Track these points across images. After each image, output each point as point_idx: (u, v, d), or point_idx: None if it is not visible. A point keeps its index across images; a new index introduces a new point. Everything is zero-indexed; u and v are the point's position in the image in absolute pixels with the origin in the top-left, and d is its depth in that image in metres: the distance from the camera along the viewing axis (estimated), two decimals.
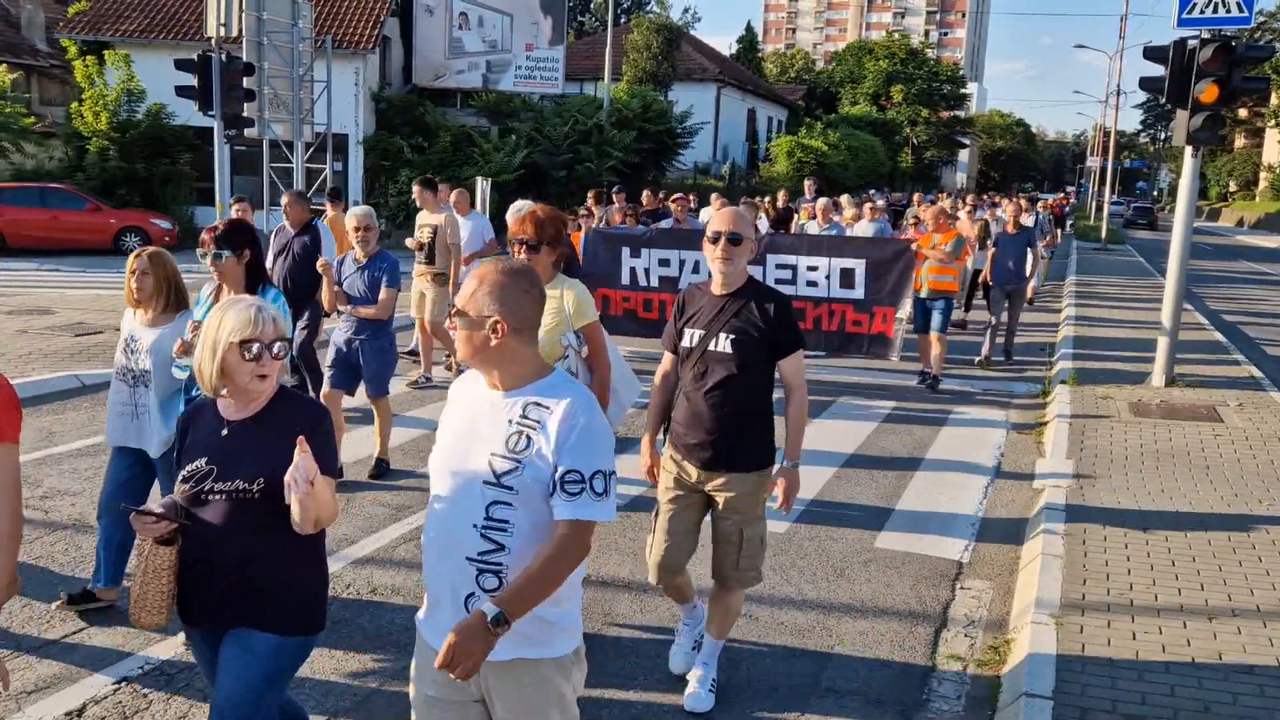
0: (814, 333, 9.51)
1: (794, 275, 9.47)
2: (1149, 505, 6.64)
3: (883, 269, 9.25)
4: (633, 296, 9.99)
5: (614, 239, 10.16)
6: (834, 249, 9.58)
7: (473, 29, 29.90)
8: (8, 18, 34.45)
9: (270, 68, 13.63)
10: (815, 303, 9.43)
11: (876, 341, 9.35)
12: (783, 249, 9.71)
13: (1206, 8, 9.83)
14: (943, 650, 4.76)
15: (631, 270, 9.93)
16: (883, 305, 9.21)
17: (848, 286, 9.31)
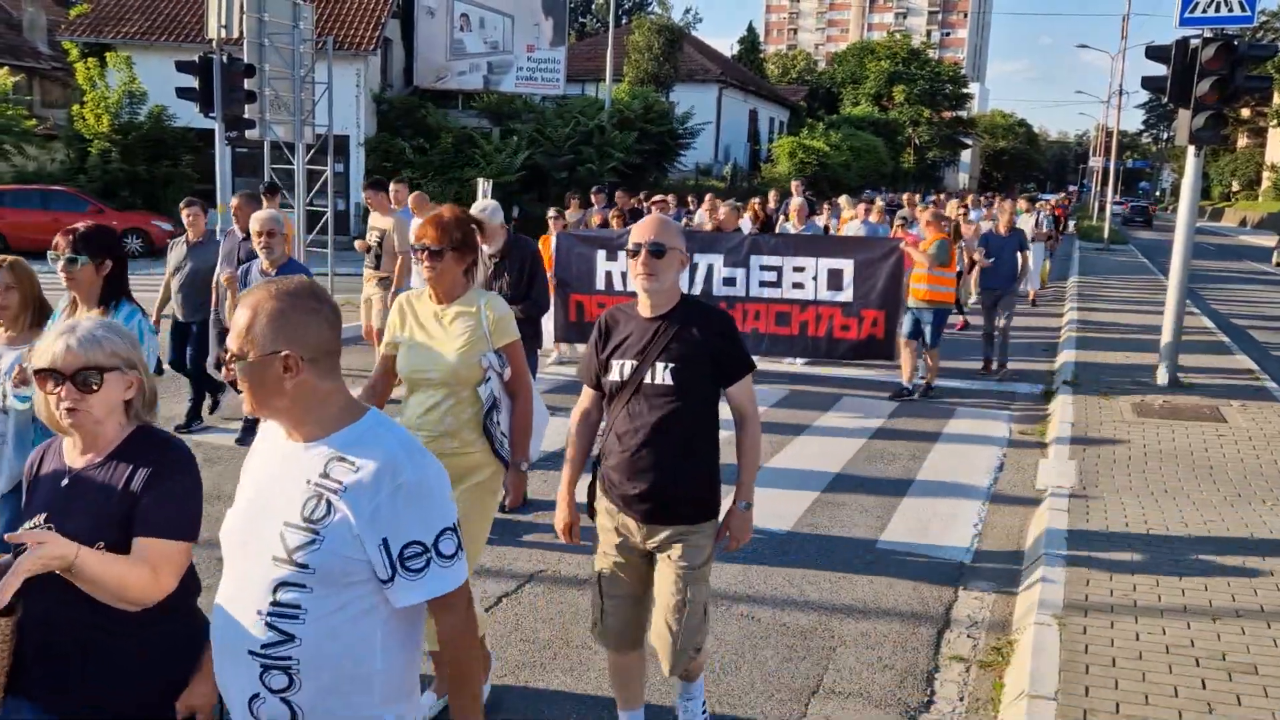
0: (800, 338, 9.41)
1: (779, 277, 9.33)
2: (1152, 505, 6.62)
3: (870, 269, 9.10)
4: (608, 303, 9.43)
5: (587, 242, 9.89)
6: (821, 249, 9.45)
7: (474, 30, 29.92)
8: (9, 20, 34.50)
9: (271, 69, 13.62)
10: (802, 306, 9.30)
11: (867, 345, 9.22)
12: (767, 250, 9.52)
13: (1209, 7, 9.81)
14: (945, 651, 4.75)
15: (607, 275, 9.63)
16: (871, 308, 9.07)
17: (835, 288, 9.19)
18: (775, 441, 8.19)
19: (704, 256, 9.50)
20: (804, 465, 7.62)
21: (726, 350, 3.38)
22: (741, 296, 9.44)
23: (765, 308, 9.44)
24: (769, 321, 9.43)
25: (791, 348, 9.78)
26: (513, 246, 6.26)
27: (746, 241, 9.68)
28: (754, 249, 9.52)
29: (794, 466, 7.58)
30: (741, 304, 9.41)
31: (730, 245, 9.68)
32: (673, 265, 3.37)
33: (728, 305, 9.12)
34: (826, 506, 6.74)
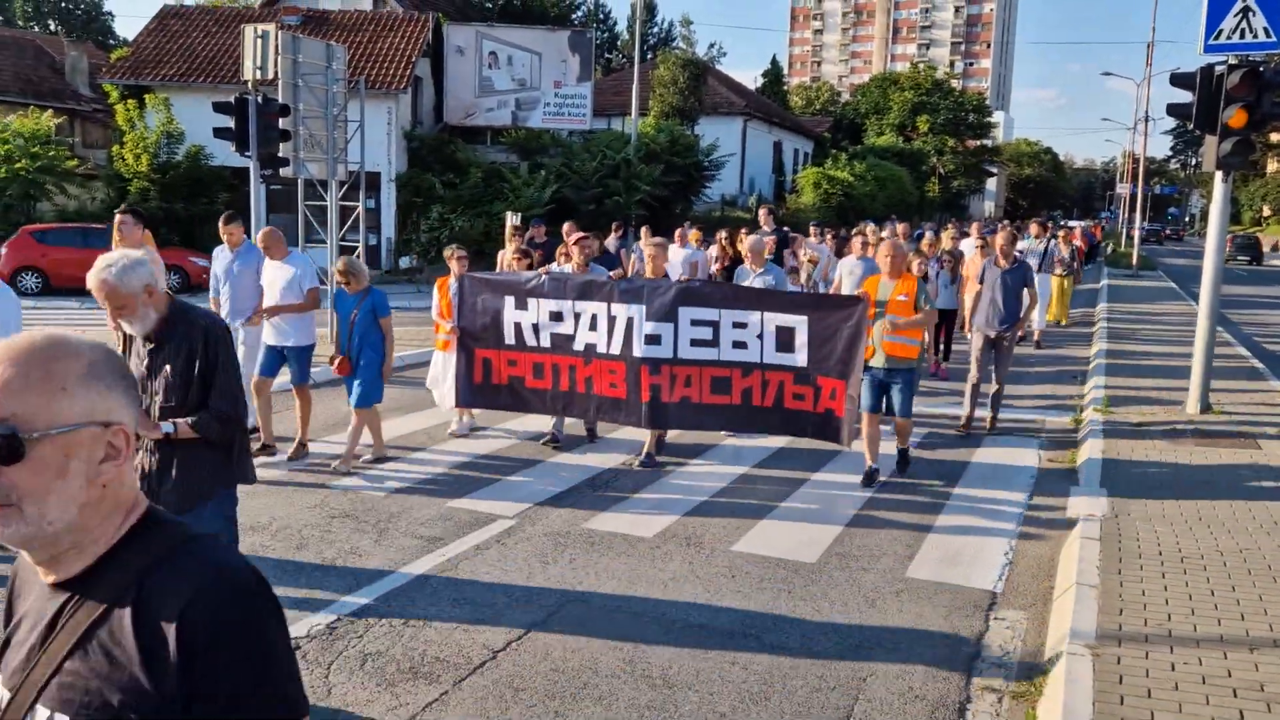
0: (742, 408, 7.65)
1: (715, 334, 7.58)
2: (1185, 534, 6.56)
3: (830, 330, 7.33)
4: (520, 360, 8.12)
5: (493, 286, 8.29)
6: (768, 302, 7.63)
7: (502, 68, 30.33)
8: (52, 64, 35.41)
9: (305, 109, 13.90)
10: (745, 369, 7.56)
11: (824, 422, 7.43)
12: (700, 300, 7.70)
13: (1233, 34, 9.82)
14: (977, 682, 4.72)
15: (516, 327, 8.08)
16: (830, 377, 7.34)
17: (786, 350, 7.46)
18: (802, 470, 8.20)
19: (624, 308, 7.75)
20: (831, 493, 7.62)
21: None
22: (668, 358, 7.66)
23: (698, 372, 7.64)
24: (703, 388, 7.67)
25: (731, 420, 7.91)
26: (175, 322, 3.98)
27: (674, 291, 7.73)
28: (684, 299, 7.67)
29: (821, 495, 7.58)
30: (669, 367, 7.66)
31: (654, 295, 7.75)
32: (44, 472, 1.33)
33: (651, 369, 7.65)
34: (855, 535, 6.72)
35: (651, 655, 4.86)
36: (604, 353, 7.81)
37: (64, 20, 66.52)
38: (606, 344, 7.81)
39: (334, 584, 5.64)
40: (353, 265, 7.96)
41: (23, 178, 22.14)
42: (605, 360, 7.81)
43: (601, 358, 7.83)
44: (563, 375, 8.01)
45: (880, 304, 7.70)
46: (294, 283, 8.22)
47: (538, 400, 8.22)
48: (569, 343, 7.95)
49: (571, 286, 8.02)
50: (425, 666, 4.67)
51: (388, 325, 7.96)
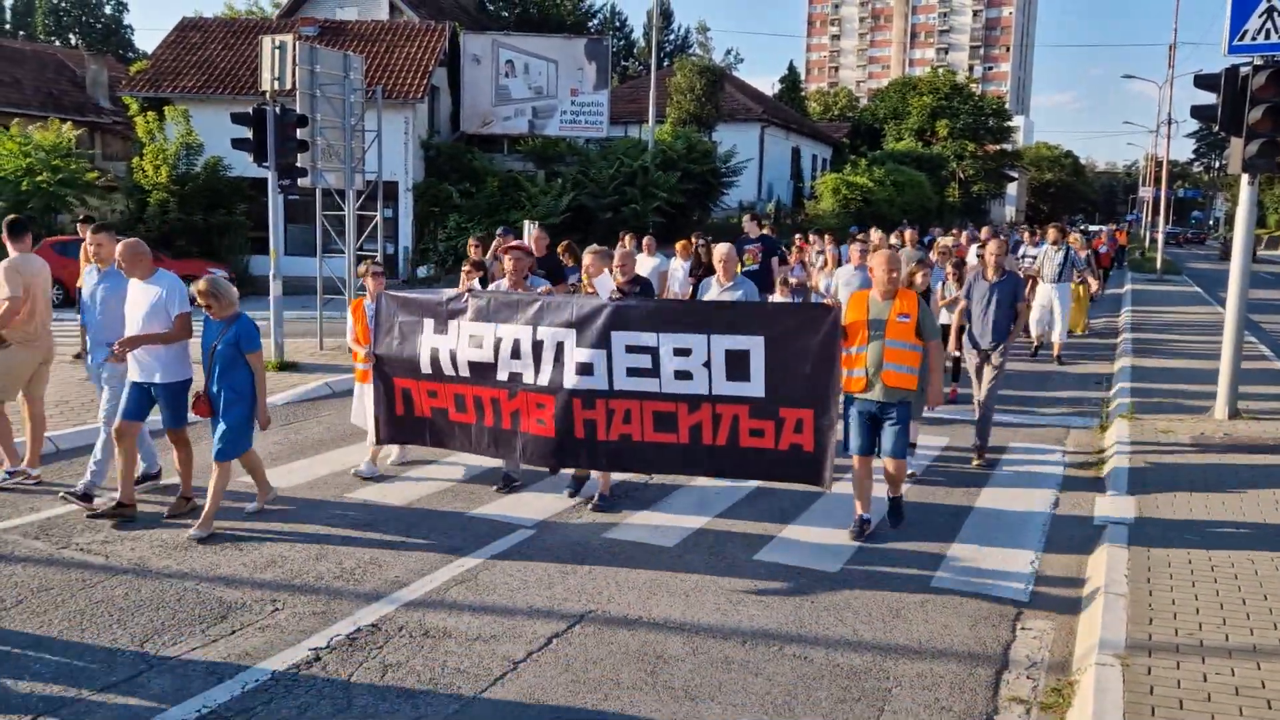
0: (692, 448, 6.41)
1: (655, 364, 6.36)
2: (1215, 541, 6.45)
3: (792, 349, 6.17)
4: (441, 391, 7.09)
5: (411, 307, 7.28)
6: (715, 321, 6.35)
7: (518, 76, 30.41)
8: (73, 78, 35.79)
9: (323, 119, 13.96)
10: (692, 404, 6.34)
11: (790, 460, 6.26)
12: (635, 322, 6.44)
13: (1259, 34, 9.69)
14: (1004, 693, 4.64)
15: (433, 353, 7.05)
16: (794, 406, 6.17)
17: (739, 378, 6.24)
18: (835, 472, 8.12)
19: (552, 332, 6.62)
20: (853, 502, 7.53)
21: None
22: (603, 390, 6.48)
23: (638, 406, 6.46)
24: (644, 425, 6.48)
25: (680, 462, 6.62)
26: None
27: (605, 311, 6.50)
28: (615, 322, 6.46)
29: (843, 504, 7.49)
30: (604, 400, 6.48)
31: (585, 317, 6.54)
32: None
33: (584, 403, 6.51)
34: (878, 544, 6.65)
35: (673, 666, 4.81)
36: (531, 384, 6.68)
37: (84, 34, 67.29)
38: (534, 373, 6.67)
39: (354, 594, 5.61)
40: (217, 286, 6.69)
41: (44, 190, 22.34)
42: (532, 392, 6.68)
43: (528, 389, 6.69)
44: (486, 409, 6.94)
45: (875, 325, 6.55)
46: (159, 307, 6.79)
47: (463, 436, 7.15)
48: (491, 372, 6.82)
49: (494, 307, 6.95)
50: (445, 678, 4.63)
51: (257, 362, 6.72)
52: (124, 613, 5.26)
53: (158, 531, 6.56)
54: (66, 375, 11.50)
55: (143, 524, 6.69)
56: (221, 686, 4.48)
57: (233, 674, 4.60)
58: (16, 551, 6.13)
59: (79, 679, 4.52)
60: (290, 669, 4.67)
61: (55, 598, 5.42)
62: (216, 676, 4.57)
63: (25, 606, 5.30)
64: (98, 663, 4.68)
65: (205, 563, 6.03)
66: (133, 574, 5.81)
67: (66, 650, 4.80)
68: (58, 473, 7.90)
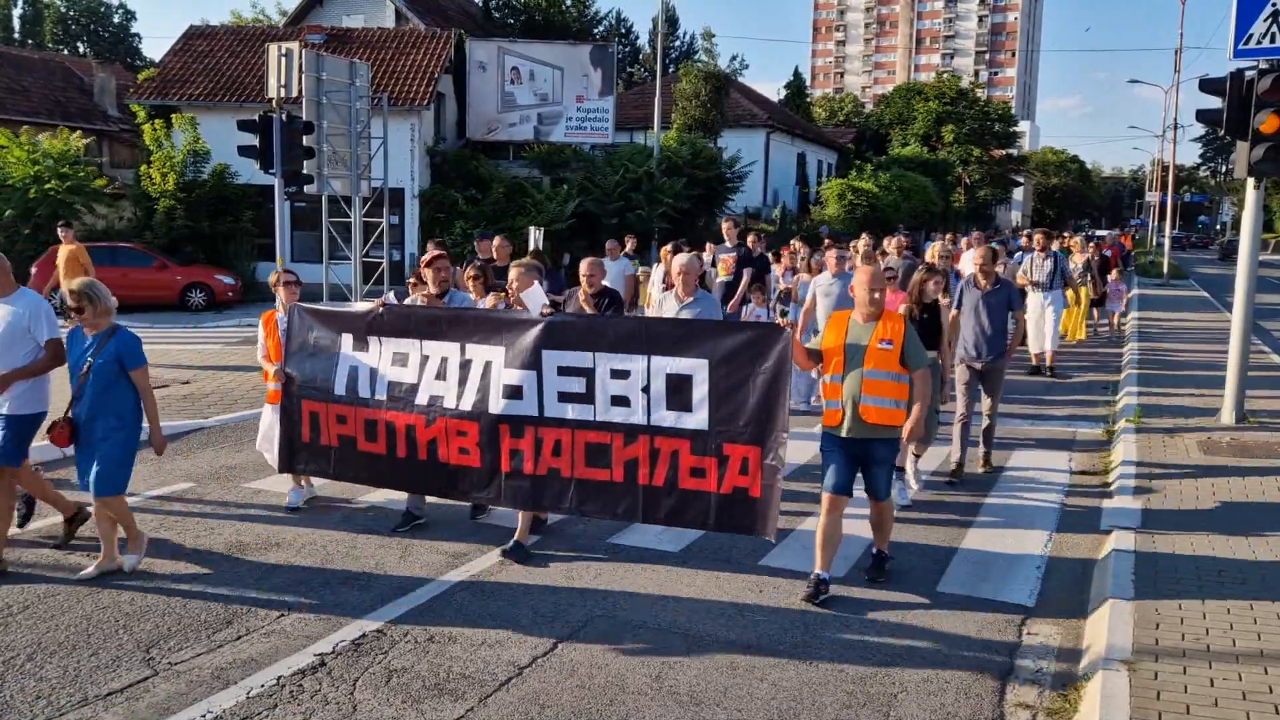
0: (625, 488, 5.73)
1: (588, 387, 5.77)
2: (1223, 546, 6.43)
3: (739, 377, 5.50)
4: (351, 417, 6.42)
5: (326, 320, 6.65)
6: (657, 338, 5.73)
7: (524, 83, 30.48)
8: (81, 85, 35.96)
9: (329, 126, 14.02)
10: (627, 435, 5.71)
11: (731, 506, 5.52)
12: (569, 340, 5.87)
13: (1264, 38, 9.68)
14: (1010, 698, 4.63)
15: (352, 373, 6.43)
16: (739, 442, 5.48)
17: (680, 406, 5.61)
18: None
19: (480, 350, 6.07)
20: (859, 507, 7.51)
21: None
22: (533, 417, 5.90)
23: (569, 436, 5.84)
24: (576, 459, 5.83)
25: (611, 504, 5.86)
26: None
27: (536, 328, 5.92)
28: (548, 339, 5.88)
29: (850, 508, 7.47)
30: (533, 428, 5.90)
31: (514, 333, 6.01)
32: None
33: (512, 430, 5.93)
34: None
35: (679, 672, 4.80)
36: (452, 409, 6.09)
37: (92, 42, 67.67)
38: (456, 397, 6.09)
39: (359, 599, 5.61)
40: (94, 290, 5.74)
41: (52, 198, 22.42)
42: (453, 419, 6.08)
43: (448, 415, 6.09)
44: (399, 438, 6.27)
45: (853, 351, 5.69)
46: (17, 330, 5.86)
47: (369, 469, 6.45)
48: (411, 395, 6.21)
49: (418, 321, 6.35)
50: (451, 683, 4.63)
51: (144, 380, 5.83)
52: (129, 619, 5.27)
53: (159, 538, 6.58)
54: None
55: (146, 531, 6.69)
56: (226, 692, 4.49)
57: (238, 679, 4.60)
58: (24, 557, 6.14)
59: (84, 685, 4.53)
60: (295, 674, 4.67)
61: (60, 604, 5.44)
62: (222, 682, 4.57)
63: (30, 613, 5.31)
64: (103, 668, 4.69)
65: (210, 568, 6.04)
66: (137, 580, 5.82)
67: (71, 656, 4.81)
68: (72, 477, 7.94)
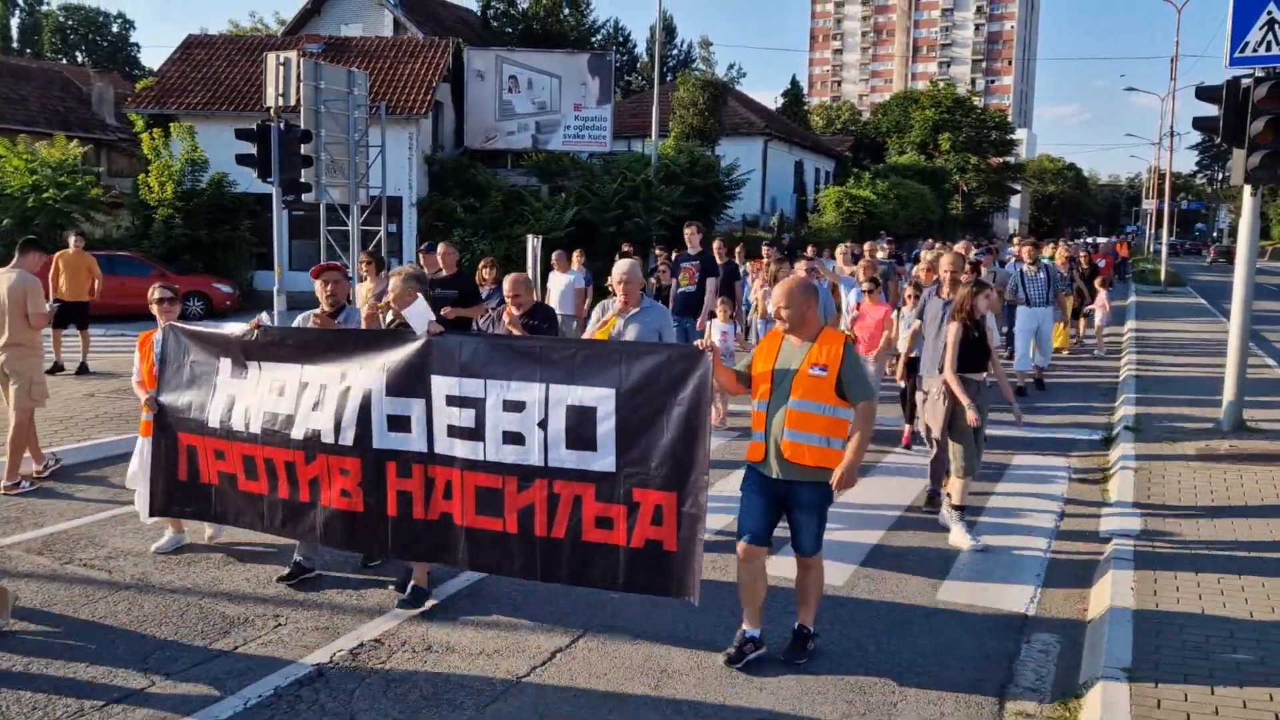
0: (519, 540, 4.96)
1: (478, 421, 4.99)
2: (1223, 555, 6.42)
3: (651, 410, 4.72)
4: (229, 451, 5.70)
5: (203, 343, 5.92)
6: (554, 364, 4.93)
7: (522, 91, 30.52)
8: (79, 95, 35.98)
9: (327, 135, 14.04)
10: (522, 478, 4.93)
11: (644, 561, 4.76)
12: (461, 365, 5.08)
13: (1260, 46, 9.71)
14: (1010, 708, 4.61)
15: (229, 402, 5.70)
16: (652, 487, 4.70)
17: (582, 444, 4.82)
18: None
19: (360, 375, 5.31)
20: (859, 514, 7.51)
21: None
22: (421, 454, 5.16)
23: (459, 477, 5.08)
24: (466, 505, 5.09)
25: (506, 559, 5.08)
26: None
27: (419, 349, 5.17)
28: (437, 363, 5.12)
29: (849, 515, 7.47)
30: (422, 467, 5.16)
31: (395, 357, 5.25)
32: None
33: (399, 469, 5.20)
34: (883, 557, 6.62)
35: (677, 680, 4.79)
36: (331, 444, 5.33)
37: (91, 51, 67.76)
38: (334, 431, 5.31)
39: (357, 609, 5.60)
40: None
41: (50, 207, 22.42)
42: (334, 455, 5.33)
43: (328, 451, 5.34)
44: (280, 476, 5.53)
45: (781, 378, 4.80)
46: None
47: (252, 511, 5.70)
48: (289, 427, 5.45)
49: (297, 344, 5.63)
50: (449, 693, 4.61)
51: None
52: (127, 628, 5.25)
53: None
54: (70, 390, 11.54)
55: (147, 540, 6.67)
56: (224, 702, 4.47)
57: (235, 689, 4.58)
58: (20, 567, 6.12)
59: (82, 695, 4.50)
60: (293, 684, 4.66)
61: (58, 613, 5.42)
62: (220, 692, 4.56)
63: (27, 623, 5.29)
64: (100, 678, 4.67)
65: (208, 578, 6.02)
66: (135, 589, 5.80)
67: (69, 666, 4.79)
68: (69, 487, 7.91)
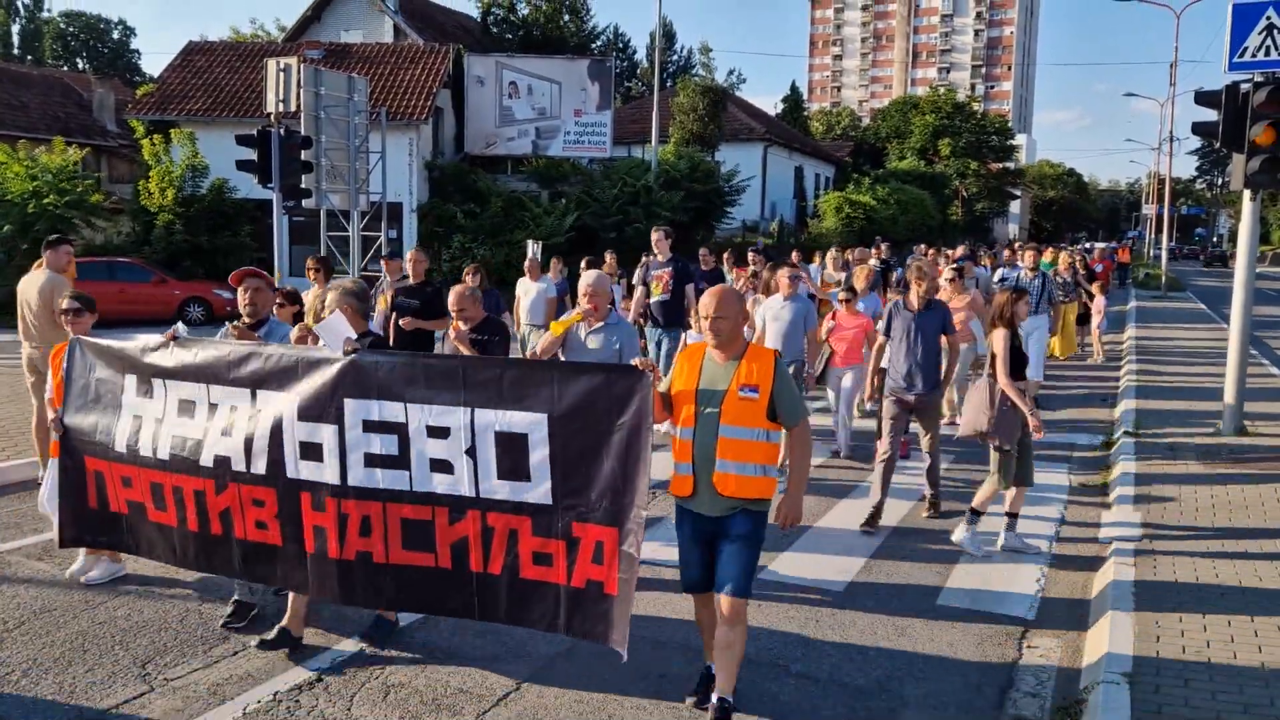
0: (453, 576, 4.50)
1: (403, 448, 4.51)
2: (1223, 558, 6.41)
3: (589, 434, 4.25)
4: (136, 478, 5.18)
5: (112, 359, 5.34)
6: (479, 385, 4.41)
7: (522, 97, 30.58)
8: (80, 101, 36.05)
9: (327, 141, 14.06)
10: (453, 509, 4.47)
11: (585, 605, 4.27)
12: (379, 387, 4.56)
13: (1259, 51, 9.72)
14: (1011, 712, 4.61)
15: (135, 424, 5.16)
16: (593, 521, 4.24)
17: (515, 474, 4.36)
18: (829, 497, 8.09)
19: (273, 396, 4.77)
20: (859, 520, 7.50)
21: None
22: (334, 485, 4.63)
23: (380, 510, 4.58)
24: (390, 541, 4.59)
25: (440, 597, 4.61)
26: None
27: (336, 370, 4.63)
28: (352, 385, 4.59)
29: (850, 519, 7.46)
30: (336, 500, 4.63)
31: (309, 376, 4.71)
32: None
33: (312, 502, 4.67)
34: (883, 562, 6.61)
35: (679, 685, 4.77)
36: (243, 471, 4.83)
37: (91, 58, 67.88)
38: (246, 458, 4.81)
39: (357, 615, 5.59)
40: None
41: (51, 212, 22.43)
42: (246, 484, 4.83)
43: (240, 480, 4.84)
44: (188, 506, 5.03)
45: (707, 400, 4.27)
46: None
47: (165, 543, 5.17)
48: (197, 453, 4.94)
49: (207, 360, 5.03)
50: (448, 698, 4.60)
51: None
52: (126, 634, 5.24)
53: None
54: None
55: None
56: (223, 708, 4.46)
57: (234, 695, 4.58)
58: (19, 573, 6.12)
59: (81, 700, 4.50)
60: (292, 690, 4.65)
61: (57, 619, 5.41)
62: (219, 698, 4.55)
63: (27, 628, 5.29)
64: (100, 683, 4.66)
65: (208, 583, 6.01)
66: (135, 595, 5.79)
67: (67, 672, 4.78)
68: None
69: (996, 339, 6.79)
